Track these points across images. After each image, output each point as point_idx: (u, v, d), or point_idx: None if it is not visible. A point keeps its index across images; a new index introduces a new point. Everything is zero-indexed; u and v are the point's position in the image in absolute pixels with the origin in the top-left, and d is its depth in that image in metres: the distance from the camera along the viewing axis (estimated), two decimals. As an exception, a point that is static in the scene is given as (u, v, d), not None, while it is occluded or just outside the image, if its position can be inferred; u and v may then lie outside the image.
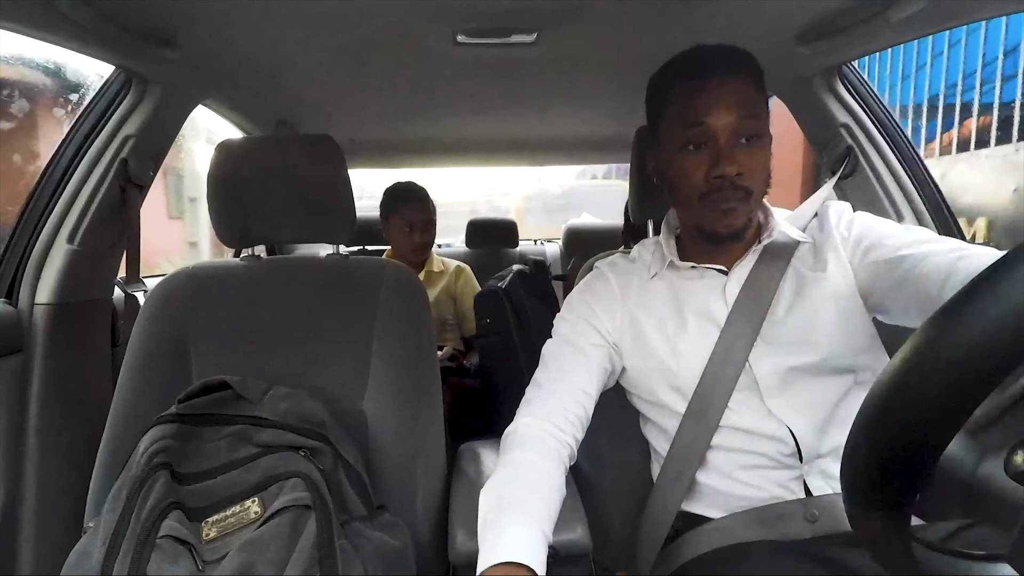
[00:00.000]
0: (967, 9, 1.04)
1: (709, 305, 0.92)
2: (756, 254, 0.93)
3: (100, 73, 1.28)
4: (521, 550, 0.70)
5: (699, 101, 0.86)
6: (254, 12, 1.08)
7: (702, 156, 0.86)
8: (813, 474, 0.86)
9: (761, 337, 0.88)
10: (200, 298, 1.11)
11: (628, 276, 1.01)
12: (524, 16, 1.13)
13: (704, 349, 0.90)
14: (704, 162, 0.86)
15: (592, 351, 0.95)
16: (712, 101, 0.85)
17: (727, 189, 0.85)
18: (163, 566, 0.76)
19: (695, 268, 0.95)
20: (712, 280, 0.94)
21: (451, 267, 2.25)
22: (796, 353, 0.87)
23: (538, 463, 0.83)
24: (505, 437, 0.89)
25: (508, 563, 0.69)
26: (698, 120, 0.86)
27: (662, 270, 0.98)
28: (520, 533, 0.73)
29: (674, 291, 0.96)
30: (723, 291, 0.93)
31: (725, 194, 0.85)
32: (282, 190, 1.13)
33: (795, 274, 0.91)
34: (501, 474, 0.82)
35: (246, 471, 0.87)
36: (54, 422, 1.25)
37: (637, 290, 0.98)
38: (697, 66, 0.88)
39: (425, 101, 1.76)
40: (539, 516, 0.76)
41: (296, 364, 1.07)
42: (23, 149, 3.53)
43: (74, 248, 1.27)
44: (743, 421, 0.87)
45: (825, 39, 1.17)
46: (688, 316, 0.93)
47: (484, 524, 0.76)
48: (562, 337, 0.98)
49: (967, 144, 4.62)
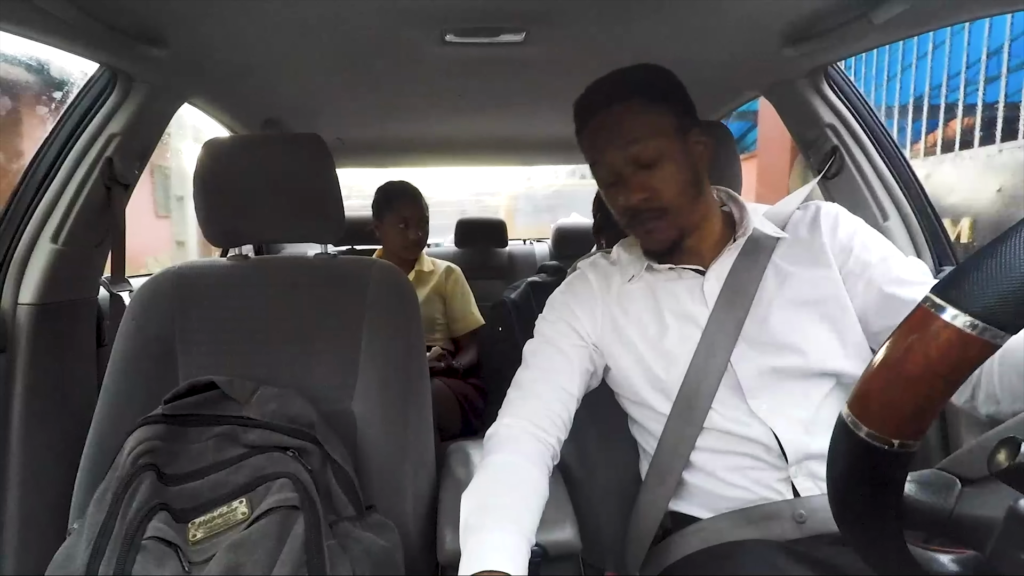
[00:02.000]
0: (950, 11, 1.05)
1: (689, 306, 0.93)
2: (733, 252, 0.93)
3: (85, 70, 1.27)
4: (502, 557, 0.71)
5: (593, 141, 0.92)
6: (241, 11, 1.07)
7: (618, 188, 0.92)
8: (801, 475, 0.86)
9: (743, 337, 0.88)
10: (187, 298, 1.10)
11: (608, 278, 1.01)
12: (513, 16, 1.13)
13: (686, 351, 0.90)
14: (620, 193, 0.91)
15: (573, 352, 0.95)
16: (599, 138, 0.91)
17: (641, 214, 0.90)
18: (149, 568, 0.75)
19: (673, 269, 0.96)
20: (690, 281, 0.95)
21: (441, 267, 2.24)
22: (779, 354, 0.87)
23: (520, 465, 0.83)
24: (487, 439, 0.89)
25: (490, 572, 0.69)
26: (596, 159, 0.92)
27: (640, 272, 0.98)
28: (501, 540, 0.73)
29: (653, 293, 0.96)
30: (702, 291, 0.93)
31: (641, 219, 0.91)
32: (270, 189, 1.13)
33: (776, 271, 0.91)
34: (483, 477, 0.82)
35: (233, 472, 0.86)
36: (38, 423, 1.23)
37: (617, 292, 0.99)
38: (586, 107, 0.93)
39: (414, 100, 1.76)
40: (521, 521, 0.76)
41: (284, 364, 1.07)
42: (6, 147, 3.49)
43: (58, 247, 1.25)
44: (726, 422, 0.87)
45: (810, 40, 1.18)
46: (668, 319, 0.93)
47: (466, 528, 0.76)
48: (544, 337, 0.98)
49: (951, 145, 4.66)
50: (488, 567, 0.69)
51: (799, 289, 0.89)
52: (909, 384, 0.41)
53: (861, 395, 0.44)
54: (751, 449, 0.87)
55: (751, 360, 0.88)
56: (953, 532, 0.48)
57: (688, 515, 0.92)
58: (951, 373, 0.40)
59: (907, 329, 0.41)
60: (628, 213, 0.91)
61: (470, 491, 0.80)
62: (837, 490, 0.47)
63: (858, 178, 1.42)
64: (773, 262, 0.91)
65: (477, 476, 0.83)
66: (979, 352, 0.39)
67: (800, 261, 0.91)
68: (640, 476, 1.00)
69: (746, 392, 0.87)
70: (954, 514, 0.47)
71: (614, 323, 0.97)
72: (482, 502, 0.79)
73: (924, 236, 1.36)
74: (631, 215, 0.91)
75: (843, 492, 0.47)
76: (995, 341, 0.38)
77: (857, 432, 0.43)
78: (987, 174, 4.21)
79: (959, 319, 0.38)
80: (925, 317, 0.40)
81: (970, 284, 0.39)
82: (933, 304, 0.40)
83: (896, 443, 0.42)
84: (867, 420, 0.43)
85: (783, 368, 0.87)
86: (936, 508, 0.48)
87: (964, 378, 0.41)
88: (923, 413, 0.42)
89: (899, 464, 0.43)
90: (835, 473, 0.47)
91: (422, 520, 1.02)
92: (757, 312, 0.89)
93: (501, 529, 0.74)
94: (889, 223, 1.38)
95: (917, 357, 0.40)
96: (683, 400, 0.89)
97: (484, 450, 0.87)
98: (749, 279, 0.90)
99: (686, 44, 0.92)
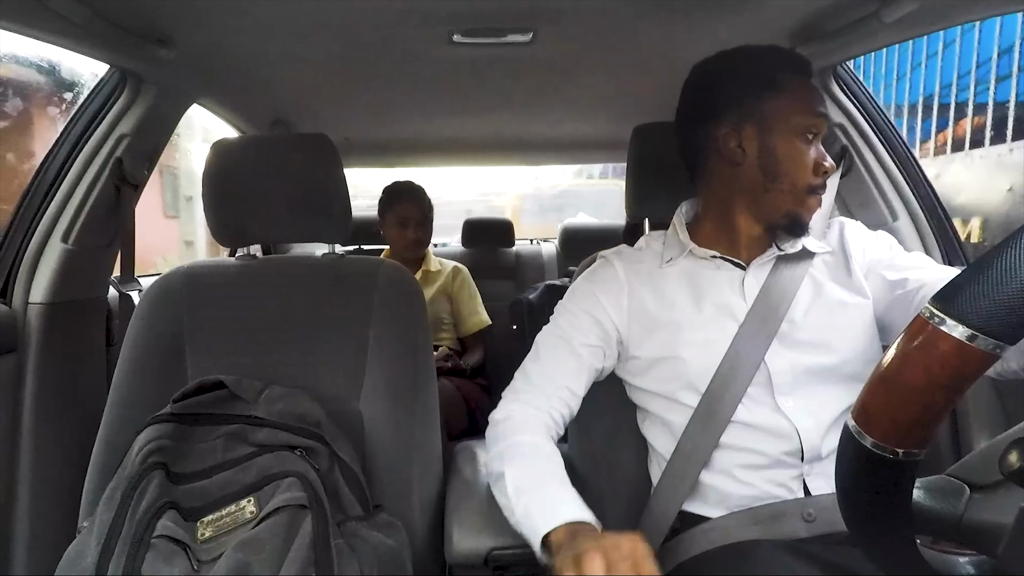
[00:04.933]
0: (960, 10, 1.04)
1: (728, 297, 0.93)
2: (773, 259, 0.93)
3: (95, 72, 1.28)
4: (579, 511, 0.74)
5: (814, 96, 0.89)
6: (250, 12, 1.07)
7: (811, 147, 0.88)
8: (814, 475, 0.86)
9: (778, 336, 0.88)
10: (195, 297, 1.11)
11: (637, 264, 1.00)
12: (520, 16, 1.13)
13: (720, 343, 0.89)
14: (812, 153, 0.88)
15: (584, 351, 0.95)
16: (820, 100, 0.89)
17: (823, 184, 0.90)
18: (158, 566, 0.76)
19: (715, 258, 0.95)
20: (729, 273, 0.94)
21: (448, 267, 2.25)
22: (813, 354, 0.88)
23: (544, 445, 0.87)
24: (499, 422, 0.91)
25: (573, 523, 0.72)
26: (820, 112, 0.89)
27: (678, 257, 0.97)
28: (569, 496, 0.77)
29: (691, 278, 0.96)
30: (741, 285, 0.93)
31: (823, 188, 0.90)
32: (278, 189, 1.13)
33: (812, 281, 0.92)
34: (516, 453, 0.86)
35: (241, 471, 0.86)
36: (48, 422, 1.24)
37: (648, 277, 0.98)
38: (804, 65, 0.92)
39: (421, 101, 1.76)
40: (569, 484, 0.80)
41: (292, 363, 1.07)
42: (17, 148, 3.52)
43: (68, 247, 1.26)
44: (752, 417, 0.87)
45: (819, 40, 1.18)
46: (706, 305, 0.93)
47: (519, 493, 0.79)
48: (559, 330, 0.97)
49: (961, 144, 4.63)
50: (568, 519, 0.72)
51: (832, 294, 0.91)
52: (910, 395, 0.41)
53: (864, 406, 0.44)
54: (770, 446, 0.86)
55: (784, 357, 0.88)
56: (962, 538, 0.48)
57: (698, 514, 0.91)
58: (951, 384, 0.40)
59: (907, 340, 0.41)
60: (822, 177, 0.89)
61: (506, 466, 0.84)
62: (846, 497, 0.47)
63: (867, 178, 1.41)
64: (809, 272, 0.93)
65: (505, 454, 0.86)
66: (979, 363, 0.39)
67: (834, 272, 0.93)
68: (649, 477, 0.99)
69: (776, 389, 0.88)
70: (963, 520, 0.47)
71: (644, 308, 0.96)
72: (529, 472, 0.83)
73: (934, 235, 1.35)
74: (822, 181, 0.89)
75: (852, 499, 0.47)
76: (995, 352, 0.38)
77: (862, 442, 0.43)
78: (998, 173, 4.18)
79: (958, 330, 0.38)
80: (924, 328, 0.40)
81: (968, 295, 0.38)
82: (932, 315, 0.40)
83: (901, 452, 0.42)
84: (871, 430, 0.43)
85: (815, 367, 0.88)
86: (945, 514, 0.48)
87: (965, 389, 0.41)
88: (925, 423, 0.41)
89: (905, 472, 0.43)
90: (843, 480, 0.47)
91: (429, 520, 1.02)
92: (794, 313, 0.90)
93: (560, 487, 0.79)
94: (899, 223, 1.37)
95: (917, 368, 0.40)
96: (711, 395, 0.88)
97: (499, 433, 0.90)
98: (787, 287, 0.91)
99: (695, 44, 0.91)
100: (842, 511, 0.49)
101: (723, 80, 0.93)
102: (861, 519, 0.48)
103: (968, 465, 0.50)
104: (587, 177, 7.66)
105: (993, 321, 0.37)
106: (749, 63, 0.91)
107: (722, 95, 0.92)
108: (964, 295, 0.39)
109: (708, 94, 0.94)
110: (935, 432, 0.42)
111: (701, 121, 0.94)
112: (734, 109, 0.90)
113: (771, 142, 0.88)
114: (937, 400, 0.40)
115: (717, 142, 0.91)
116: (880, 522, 0.46)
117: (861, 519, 0.48)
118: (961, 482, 0.49)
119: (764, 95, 0.88)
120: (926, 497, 0.49)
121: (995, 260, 0.38)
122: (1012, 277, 0.37)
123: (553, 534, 0.71)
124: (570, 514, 0.73)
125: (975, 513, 0.47)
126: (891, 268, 0.90)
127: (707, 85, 0.95)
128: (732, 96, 0.91)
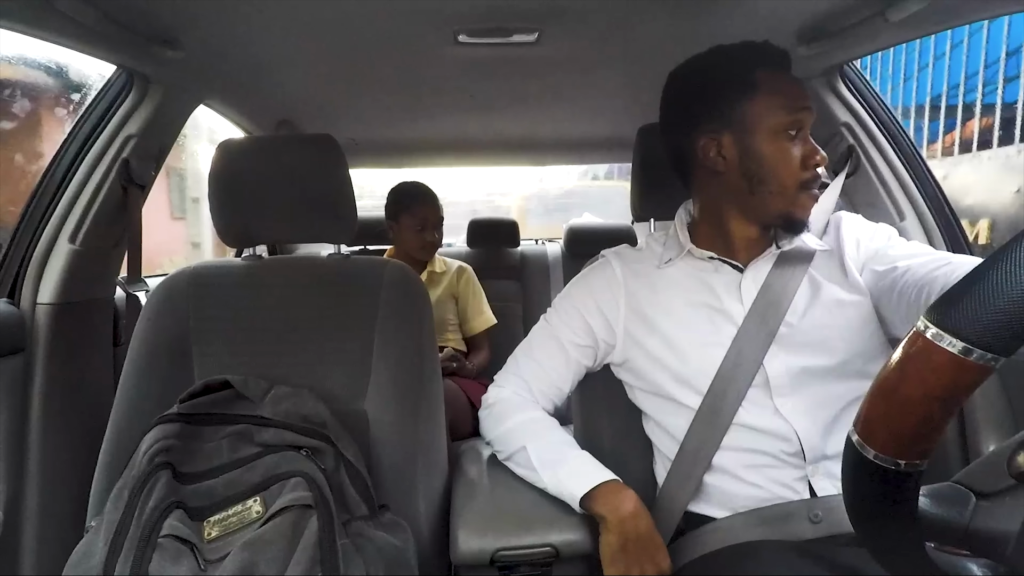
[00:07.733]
0: (967, 9, 1.03)
1: (725, 301, 0.92)
2: (773, 257, 0.93)
3: (102, 73, 1.28)
4: (603, 471, 0.89)
5: (793, 90, 0.87)
6: (256, 13, 1.08)
7: (796, 144, 0.87)
8: (818, 475, 0.86)
9: (776, 338, 0.88)
10: (202, 297, 1.11)
11: (636, 264, 1.00)
12: (526, 16, 1.13)
13: (719, 346, 0.90)
14: (798, 150, 0.87)
15: (574, 351, 0.99)
16: (800, 94, 0.87)
17: (817, 179, 0.88)
18: (165, 565, 0.76)
19: (713, 259, 0.95)
20: (727, 276, 0.94)
21: (453, 267, 2.24)
22: (811, 355, 0.88)
23: (552, 420, 1.00)
24: (501, 401, 1.01)
25: (609, 482, 0.88)
26: (800, 106, 0.87)
27: (675, 258, 0.97)
28: (593, 460, 0.92)
29: (688, 279, 0.96)
30: (739, 288, 0.93)
31: (816, 182, 0.89)
32: (283, 190, 1.13)
33: (810, 280, 0.91)
34: (532, 430, 0.96)
35: (248, 470, 0.87)
36: (56, 422, 1.25)
37: (646, 277, 0.98)
38: (781, 59, 0.90)
39: (426, 101, 1.76)
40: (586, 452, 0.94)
41: (297, 363, 1.08)
42: (25, 149, 3.53)
43: (76, 248, 1.27)
44: (750, 418, 0.87)
45: (825, 39, 1.17)
46: (702, 309, 0.93)
47: (545, 463, 0.91)
48: (551, 328, 1.02)
49: (969, 145, 4.61)
50: (602, 479, 0.87)
51: (830, 294, 0.90)
52: (908, 408, 0.41)
53: (865, 418, 0.44)
54: (771, 447, 0.86)
55: (782, 359, 0.88)
56: (969, 545, 0.48)
57: (703, 515, 0.91)
58: (948, 397, 0.40)
59: (903, 353, 0.41)
60: (813, 173, 0.87)
61: (527, 436, 0.96)
62: (853, 505, 0.48)
63: (874, 178, 1.40)
64: (808, 271, 0.92)
65: (520, 428, 0.97)
66: (975, 376, 0.38)
67: (831, 269, 0.92)
68: (654, 477, 0.99)
69: (773, 391, 0.88)
70: (970, 528, 0.47)
71: (640, 310, 0.96)
72: (550, 441, 0.94)
73: (941, 235, 1.35)
74: (814, 176, 0.88)
75: (858, 507, 0.47)
76: (990, 365, 0.38)
77: (865, 454, 0.43)
78: (1006, 175, 4.17)
79: (953, 345, 0.38)
80: (920, 342, 0.40)
81: (962, 309, 0.38)
82: (927, 328, 0.39)
83: (903, 464, 0.42)
84: (872, 442, 0.43)
85: (813, 368, 0.87)
86: (951, 522, 0.48)
87: (962, 401, 0.40)
88: (925, 435, 0.41)
89: (909, 482, 0.43)
90: (849, 490, 0.47)
91: (434, 520, 1.02)
92: (792, 314, 0.89)
93: (580, 455, 0.93)
94: (906, 222, 1.37)
95: (914, 382, 0.40)
96: (712, 397, 0.89)
97: (505, 410, 1.00)
98: (787, 285, 0.90)
99: (700, 43, 0.91)
100: (850, 518, 0.49)
101: (696, 89, 0.92)
102: (869, 526, 0.48)
103: (973, 472, 0.50)
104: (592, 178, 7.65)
105: (987, 335, 0.37)
106: (722, 67, 0.90)
107: (697, 105, 0.91)
108: (958, 308, 0.38)
109: (684, 105, 0.94)
110: (936, 443, 0.42)
111: (680, 132, 0.93)
112: (711, 118, 0.89)
113: (752, 146, 0.87)
114: (934, 413, 0.41)
115: (697, 152, 0.91)
116: (888, 530, 0.46)
117: (869, 526, 0.48)
118: (967, 490, 0.49)
119: (739, 99, 0.87)
120: (932, 505, 0.48)
121: (988, 273, 0.38)
122: (1005, 290, 0.36)
123: (596, 489, 0.87)
124: (606, 475, 0.88)
125: (982, 521, 0.47)
126: (883, 258, 0.89)
127: (682, 96, 0.94)
128: (707, 105, 0.90)
